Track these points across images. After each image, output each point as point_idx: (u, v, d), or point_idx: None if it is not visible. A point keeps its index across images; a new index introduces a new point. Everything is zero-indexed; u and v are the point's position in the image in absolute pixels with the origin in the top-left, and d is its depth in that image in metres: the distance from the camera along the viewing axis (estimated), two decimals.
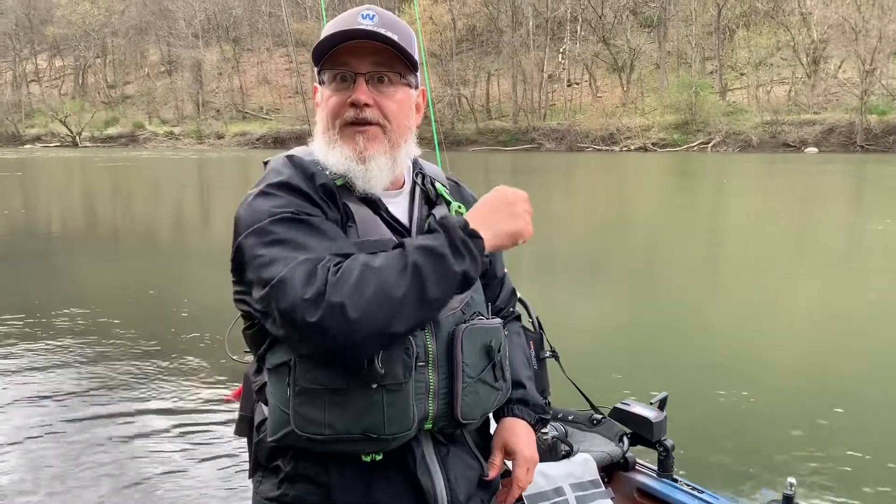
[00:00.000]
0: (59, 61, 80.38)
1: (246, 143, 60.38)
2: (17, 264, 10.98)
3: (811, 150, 40.81)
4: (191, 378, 5.50)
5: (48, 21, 76.67)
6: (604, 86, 56.74)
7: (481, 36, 63.17)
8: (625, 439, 2.85)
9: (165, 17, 73.99)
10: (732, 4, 54.23)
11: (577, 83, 57.55)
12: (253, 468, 1.41)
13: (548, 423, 1.54)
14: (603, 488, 2.63)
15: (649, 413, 2.82)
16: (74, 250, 12.65)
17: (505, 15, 61.15)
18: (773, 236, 12.89)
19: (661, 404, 2.87)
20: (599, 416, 2.98)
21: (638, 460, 2.87)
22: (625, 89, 54.58)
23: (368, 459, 1.29)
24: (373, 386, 1.23)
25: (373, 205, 1.35)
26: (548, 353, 3.18)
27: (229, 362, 5.00)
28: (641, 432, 2.83)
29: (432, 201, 1.45)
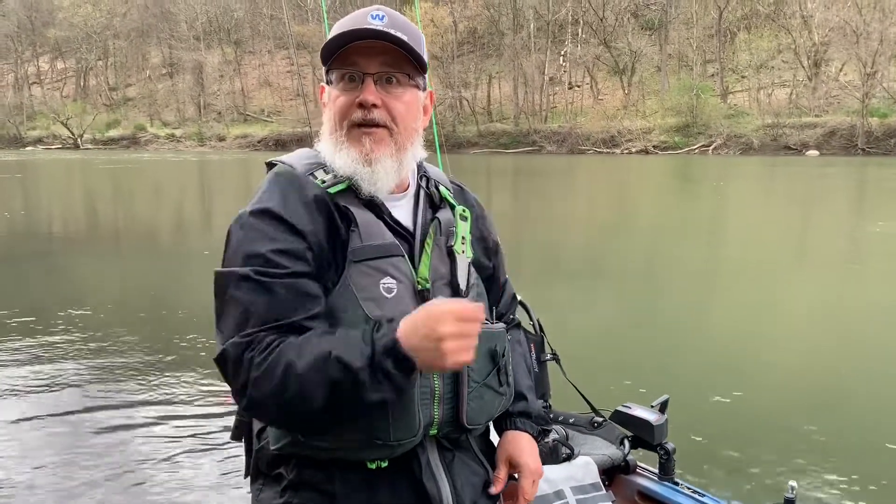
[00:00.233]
0: (60, 63, 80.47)
1: (247, 146, 60.43)
2: (16, 265, 10.98)
3: (812, 152, 40.80)
4: (190, 378, 5.50)
5: (50, 23, 76.75)
6: (605, 88, 56.78)
7: (482, 38, 63.22)
8: (626, 442, 2.85)
9: (167, 20, 74.09)
10: (733, 7, 54.27)
11: (578, 86, 57.58)
12: (253, 476, 1.39)
13: (549, 433, 1.52)
14: (604, 491, 2.63)
15: (650, 416, 2.81)
16: (74, 251, 12.65)
17: (506, 17, 61.22)
18: (773, 238, 12.88)
19: (662, 407, 2.86)
20: (600, 419, 2.97)
21: (639, 463, 2.87)
22: (626, 92, 54.59)
23: (374, 466, 1.27)
24: None
25: (376, 209, 1.33)
26: (548, 356, 3.18)
27: None
28: (642, 435, 2.83)
29: (436, 205, 1.43)
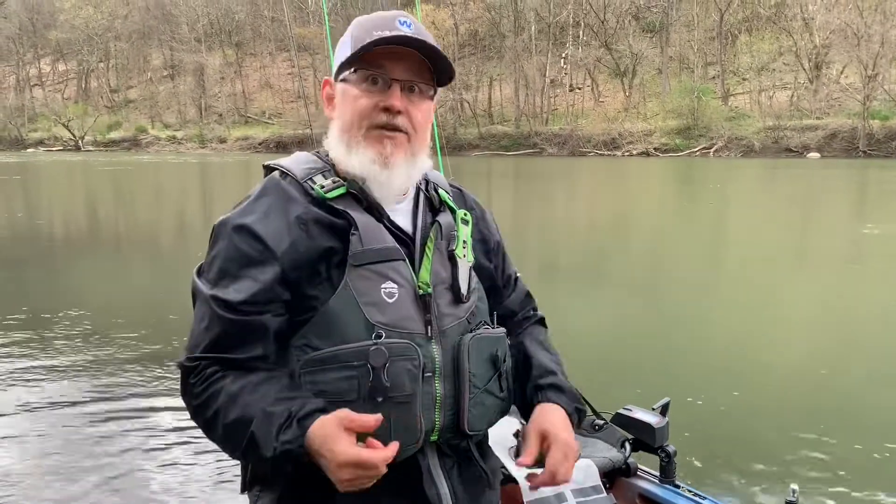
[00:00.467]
0: (62, 65, 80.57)
1: (248, 148, 60.46)
2: (14, 266, 10.99)
3: (814, 155, 40.78)
4: None
5: (51, 25, 76.88)
6: (606, 90, 56.79)
7: (483, 41, 63.27)
8: (626, 445, 2.84)
9: (168, 22, 74.17)
10: (734, 9, 54.29)
11: (579, 88, 57.60)
12: (250, 481, 1.37)
13: (584, 417, 1.45)
14: (605, 494, 2.62)
15: (651, 418, 2.80)
16: (73, 253, 12.66)
17: (507, 20, 61.26)
18: (772, 241, 12.87)
19: (664, 410, 2.86)
20: (601, 421, 2.97)
21: (640, 466, 2.86)
22: (627, 94, 54.61)
23: None
24: (378, 399, 1.21)
25: (375, 213, 1.32)
26: None
27: None
28: (643, 438, 2.82)
29: (436, 208, 1.42)
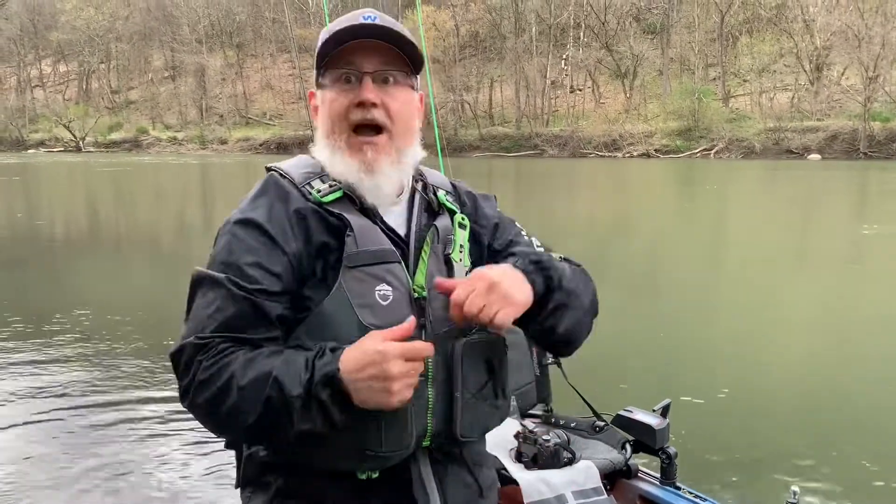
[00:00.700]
0: (63, 66, 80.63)
1: (249, 149, 60.46)
2: (15, 266, 10.99)
3: (814, 157, 40.77)
4: None
5: (52, 26, 76.89)
6: (607, 92, 56.80)
7: (484, 42, 63.29)
8: (627, 446, 2.84)
9: (169, 23, 74.21)
10: (735, 11, 54.29)
11: (579, 89, 57.60)
12: (243, 483, 1.37)
13: (553, 281, 1.32)
14: (605, 496, 2.62)
15: (652, 420, 2.80)
16: (73, 254, 12.67)
17: (508, 21, 61.29)
18: (773, 242, 12.87)
19: (664, 411, 2.86)
20: (602, 423, 2.97)
21: (641, 468, 2.86)
22: (628, 96, 54.62)
23: (364, 477, 1.25)
24: None
25: (370, 215, 1.31)
26: (550, 360, 3.18)
27: None
28: (644, 439, 2.82)
29: (434, 211, 1.40)
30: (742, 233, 14.67)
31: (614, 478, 2.85)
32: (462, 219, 1.41)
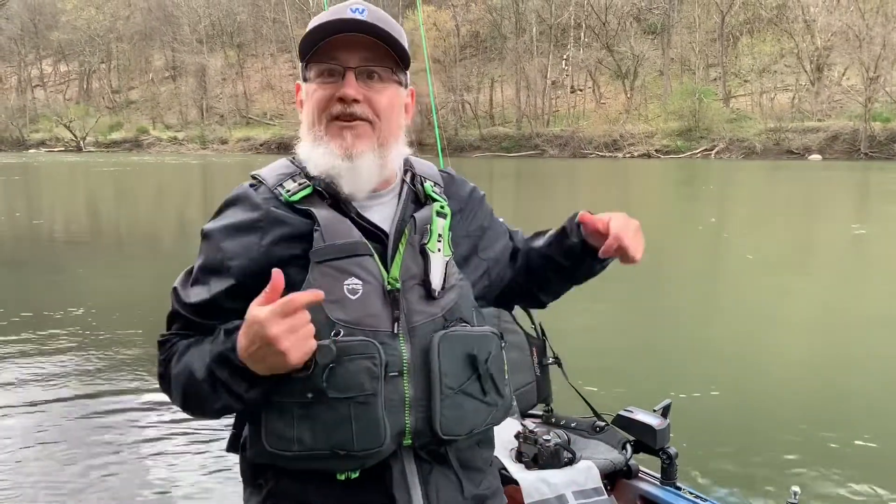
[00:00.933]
0: (63, 66, 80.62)
1: (250, 149, 60.47)
2: (13, 266, 10.99)
3: (815, 157, 40.77)
4: None
5: (53, 26, 76.87)
6: (607, 92, 56.78)
7: (485, 42, 63.27)
8: (628, 447, 2.84)
9: (170, 23, 74.21)
10: (736, 11, 54.26)
11: (580, 89, 57.60)
12: (243, 483, 1.37)
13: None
14: (606, 496, 2.62)
15: (653, 420, 2.80)
16: (73, 253, 12.67)
17: (508, 21, 61.26)
18: (772, 242, 12.87)
19: (665, 412, 2.86)
20: (602, 423, 2.97)
21: (641, 468, 2.86)
22: (628, 96, 54.60)
23: (343, 478, 1.23)
24: (329, 397, 1.17)
25: (341, 208, 1.29)
26: (550, 360, 3.19)
27: None
28: (645, 440, 2.82)
29: (421, 201, 1.38)
30: (742, 233, 14.67)
31: (615, 478, 2.85)
32: (441, 207, 1.37)
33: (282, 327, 1.09)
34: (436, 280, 1.29)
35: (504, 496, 1.48)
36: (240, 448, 1.35)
